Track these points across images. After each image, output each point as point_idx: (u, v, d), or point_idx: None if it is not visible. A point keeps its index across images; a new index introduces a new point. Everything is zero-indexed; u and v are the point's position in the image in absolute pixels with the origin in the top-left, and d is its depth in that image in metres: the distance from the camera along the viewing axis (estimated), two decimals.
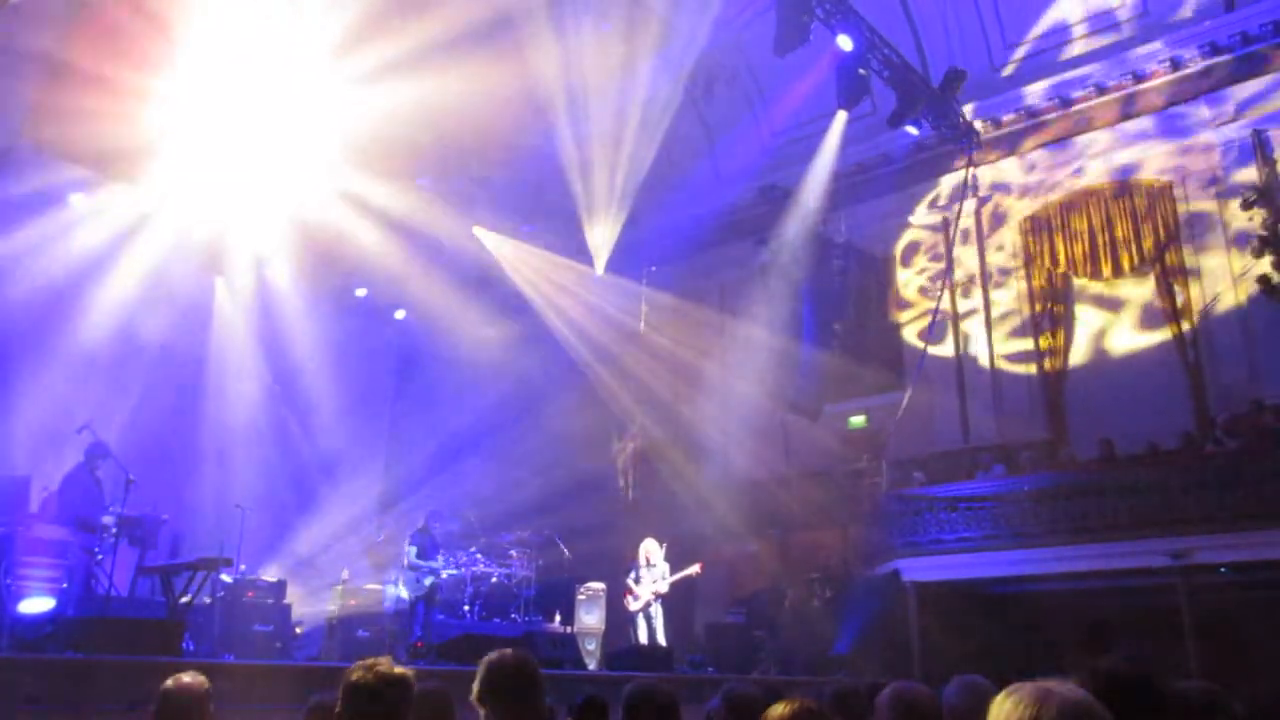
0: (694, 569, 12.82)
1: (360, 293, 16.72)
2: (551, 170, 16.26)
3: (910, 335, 16.89)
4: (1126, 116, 15.22)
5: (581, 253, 17.36)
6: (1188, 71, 14.59)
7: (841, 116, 15.09)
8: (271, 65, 12.04)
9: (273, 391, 15.58)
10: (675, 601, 13.43)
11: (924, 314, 16.53)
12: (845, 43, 12.58)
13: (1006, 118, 16.15)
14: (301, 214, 14.24)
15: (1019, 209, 16.28)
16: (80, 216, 13.05)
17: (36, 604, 8.23)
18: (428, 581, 11.78)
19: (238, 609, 11.17)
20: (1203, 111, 14.54)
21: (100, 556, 9.33)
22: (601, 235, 16.94)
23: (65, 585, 8.74)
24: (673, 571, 12.69)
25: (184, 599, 8.79)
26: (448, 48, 12.17)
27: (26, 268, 12.72)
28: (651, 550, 12.77)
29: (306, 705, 3.41)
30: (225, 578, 10.88)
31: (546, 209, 16.85)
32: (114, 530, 9.40)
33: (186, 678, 3.59)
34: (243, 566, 11.59)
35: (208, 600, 10.21)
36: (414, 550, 11.82)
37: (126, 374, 13.38)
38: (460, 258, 16.64)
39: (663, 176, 17.95)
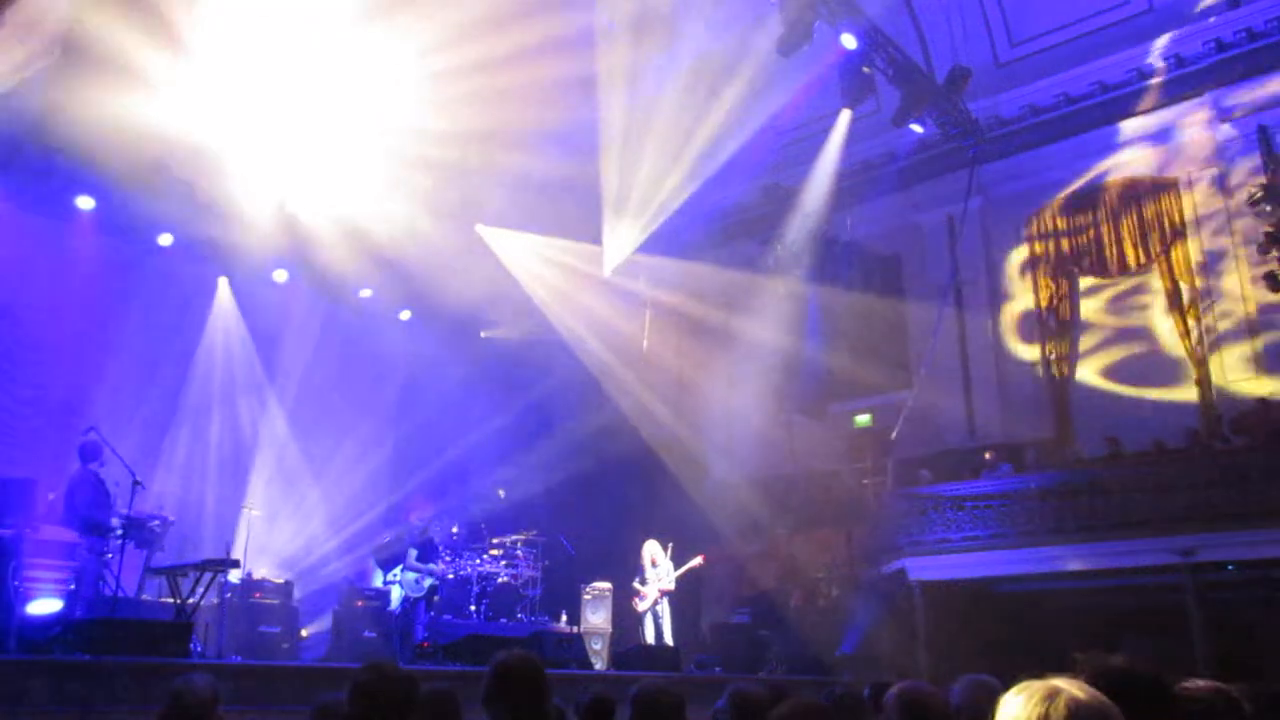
0: (697, 561, 13.01)
1: (365, 294, 16.72)
2: (558, 170, 16.26)
3: (915, 336, 16.86)
4: (1131, 114, 15.18)
5: (587, 253, 17.35)
6: (1193, 68, 14.55)
7: (846, 115, 15.08)
8: (279, 62, 12.04)
9: (278, 394, 15.58)
10: (682, 601, 13.46)
11: (932, 312, 16.50)
12: (849, 41, 12.58)
13: (1011, 115, 16.12)
14: (308, 214, 14.27)
15: (1024, 206, 16.24)
16: (86, 219, 13.07)
17: (44, 606, 8.26)
18: (427, 583, 11.78)
19: (245, 610, 11.21)
20: (1209, 108, 14.50)
21: (110, 556, 9.35)
22: (607, 236, 16.94)
23: (73, 587, 8.77)
24: (677, 568, 12.76)
25: (191, 600, 8.81)
26: (452, 50, 12.19)
27: (32, 271, 12.76)
28: (655, 552, 12.84)
29: (313, 706, 3.42)
30: (233, 579, 10.92)
31: (552, 210, 16.83)
32: (121, 532, 9.42)
33: (195, 679, 3.59)
34: (250, 568, 11.62)
35: (215, 602, 10.23)
36: (413, 553, 11.84)
37: (132, 376, 13.41)
38: (466, 258, 16.63)
39: (668, 176, 17.93)
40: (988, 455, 14.56)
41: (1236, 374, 13.75)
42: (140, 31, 10.58)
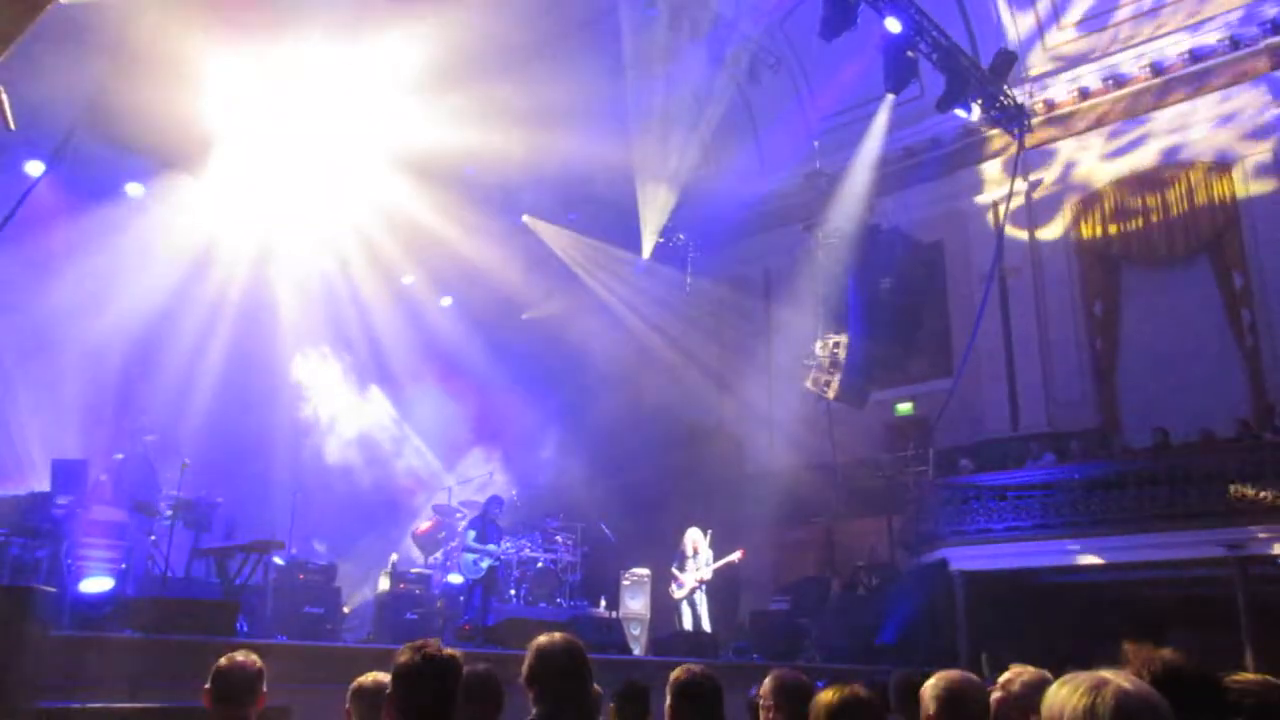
0: (736, 555, 12.87)
1: (407, 280, 16.82)
2: (598, 158, 16.26)
3: (958, 323, 16.68)
4: (1182, 97, 14.87)
5: (628, 239, 17.35)
6: (1247, 51, 14.22)
7: (889, 100, 14.89)
8: (326, 58, 12.16)
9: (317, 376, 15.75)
10: (720, 588, 13.44)
11: (974, 299, 16.31)
12: (893, 25, 12.41)
13: (1058, 99, 15.86)
14: (353, 201, 14.41)
15: (1071, 192, 15.99)
16: (136, 205, 13.27)
17: (96, 584, 8.44)
18: (485, 564, 11.79)
19: (289, 591, 11.35)
20: (1262, 92, 14.16)
21: (154, 538, 9.53)
22: (647, 222, 16.91)
23: (124, 566, 8.94)
24: (716, 559, 12.73)
25: (238, 581, 8.97)
26: (504, 49, 12.22)
27: (82, 255, 12.97)
28: (697, 539, 12.80)
29: (352, 686, 3.46)
30: (277, 560, 11.05)
31: (592, 196, 16.84)
32: (170, 513, 9.59)
33: (240, 656, 3.64)
34: (294, 549, 11.78)
35: (260, 582, 10.38)
36: (471, 534, 11.90)
37: (180, 360, 13.61)
38: (508, 245, 16.70)
39: (708, 162, 17.88)
40: (1031, 444, 14.41)
41: None
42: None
